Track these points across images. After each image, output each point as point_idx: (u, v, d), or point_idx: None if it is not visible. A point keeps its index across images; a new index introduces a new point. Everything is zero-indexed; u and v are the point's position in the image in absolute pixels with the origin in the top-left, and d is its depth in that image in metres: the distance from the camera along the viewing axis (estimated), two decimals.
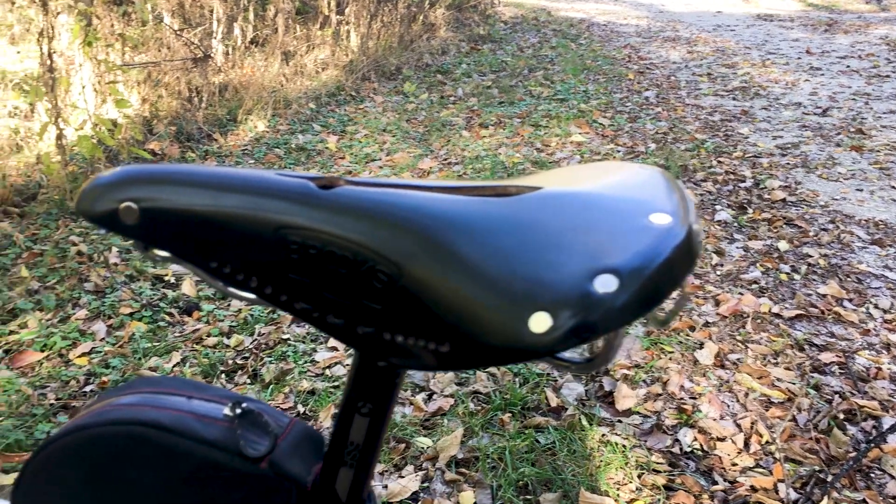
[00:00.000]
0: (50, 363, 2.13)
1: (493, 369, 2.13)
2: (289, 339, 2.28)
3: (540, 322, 0.38)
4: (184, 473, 0.56)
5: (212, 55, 4.83)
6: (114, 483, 0.57)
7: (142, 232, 0.49)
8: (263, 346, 2.25)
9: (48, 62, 3.17)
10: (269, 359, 2.18)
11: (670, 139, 4.30)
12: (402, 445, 1.84)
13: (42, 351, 2.18)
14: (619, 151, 4.08)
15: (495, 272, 0.40)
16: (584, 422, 1.92)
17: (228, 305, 2.48)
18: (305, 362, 2.17)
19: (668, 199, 0.45)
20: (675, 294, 0.42)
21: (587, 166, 0.54)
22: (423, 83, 5.74)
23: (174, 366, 2.13)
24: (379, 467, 1.78)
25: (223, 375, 2.11)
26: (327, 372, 2.13)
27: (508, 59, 6.72)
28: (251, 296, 0.50)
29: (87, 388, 2.03)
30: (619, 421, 1.95)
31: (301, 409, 1.99)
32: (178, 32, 4.85)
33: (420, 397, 2.02)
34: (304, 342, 2.27)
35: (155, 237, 0.49)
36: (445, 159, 4.01)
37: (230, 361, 2.17)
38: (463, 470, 1.77)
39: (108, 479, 0.57)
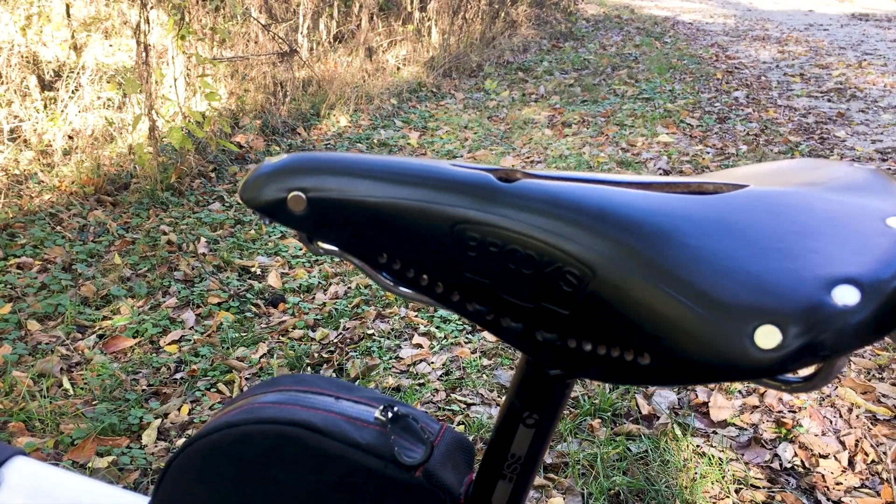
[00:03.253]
0: (141, 349, 2.16)
1: None
2: (373, 334, 2.27)
3: (767, 337, 0.33)
4: (334, 477, 0.54)
5: (297, 50, 4.88)
6: (262, 483, 0.55)
7: (309, 223, 0.46)
8: (349, 340, 2.24)
9: (143, 55, 3.24)
10: (355, 353, 2.17)
11: (762, 141, 4.15)
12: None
13: (134, 337, 2.22)
14: (708, 153, 3.95)
15: (711, 278, 0.36)
16: (678, 431, 1.85)
17: (313, 299, 2.48)
18: (390, 358, 2.15)
19: None
20: None
21: (786, 164, 0.49)
22: (505, 80, 5.69)
23: (261, 356, 2.14)
24: None
25: (309, 368, 2.11)
26: (412, 369, 2.11)
27: (591, 57, 6.61)
28: (420, 295, 0.47)
29: (178, 376, 2.05)
30: (715, 432, 1.87)
31: None
32: (266, 27, 4.91)
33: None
34: (388, 338, 2.25)
35: (322, 229, 0.46)
36: (528, 157, 3.96)
37: (316, 354, 2.17)
38: (551, 475, 1.72)
39: (257, 479, 0.55)
